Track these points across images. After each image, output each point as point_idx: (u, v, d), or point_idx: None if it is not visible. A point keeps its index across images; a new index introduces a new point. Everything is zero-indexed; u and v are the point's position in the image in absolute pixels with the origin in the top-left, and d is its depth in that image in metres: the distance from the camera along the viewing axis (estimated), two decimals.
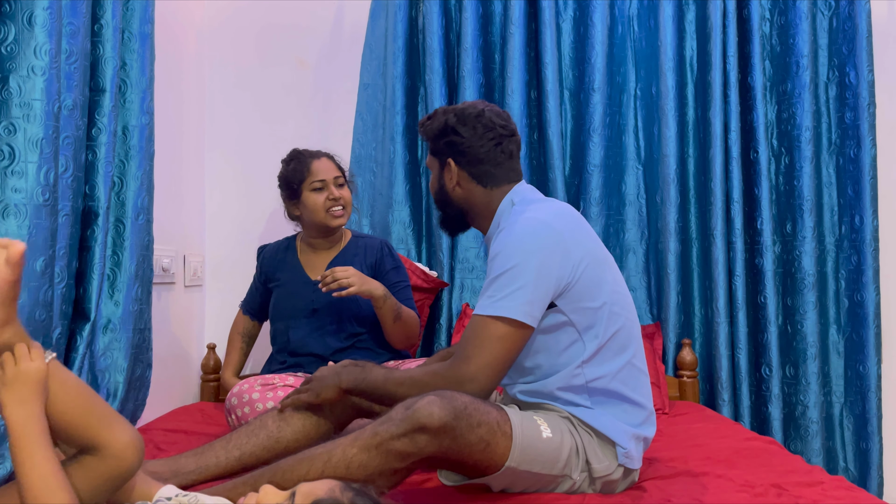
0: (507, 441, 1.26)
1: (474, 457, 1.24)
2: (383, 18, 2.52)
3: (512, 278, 1.31)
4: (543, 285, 1.32)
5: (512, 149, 1.50)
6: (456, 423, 1.18)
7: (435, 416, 1.17)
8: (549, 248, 1.33)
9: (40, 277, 1.41)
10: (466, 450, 1.22)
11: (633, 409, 1.39)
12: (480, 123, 1.47)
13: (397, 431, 1.18)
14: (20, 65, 1.39)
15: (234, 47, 2.60)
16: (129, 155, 1.77)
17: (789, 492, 1.30)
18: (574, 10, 2.52)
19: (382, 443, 1.18)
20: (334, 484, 0.98)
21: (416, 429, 1.17)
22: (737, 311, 2.34)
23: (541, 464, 1.29)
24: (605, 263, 1.41)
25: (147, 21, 1.81)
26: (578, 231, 1.40)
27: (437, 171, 1.53)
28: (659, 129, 2.44)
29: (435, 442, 1.18)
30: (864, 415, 2.34)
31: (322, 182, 2.02)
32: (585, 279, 1.35)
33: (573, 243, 1.36)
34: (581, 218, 1.45)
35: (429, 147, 1.55)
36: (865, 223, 2.33)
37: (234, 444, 1.51)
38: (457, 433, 1.19)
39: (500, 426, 1.26)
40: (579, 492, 1.33)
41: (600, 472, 1.32)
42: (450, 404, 1.19)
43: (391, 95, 2.45)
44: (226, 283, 2.54)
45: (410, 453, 1.18)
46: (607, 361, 1.37)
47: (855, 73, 2.37)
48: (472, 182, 1.48)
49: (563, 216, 1.40)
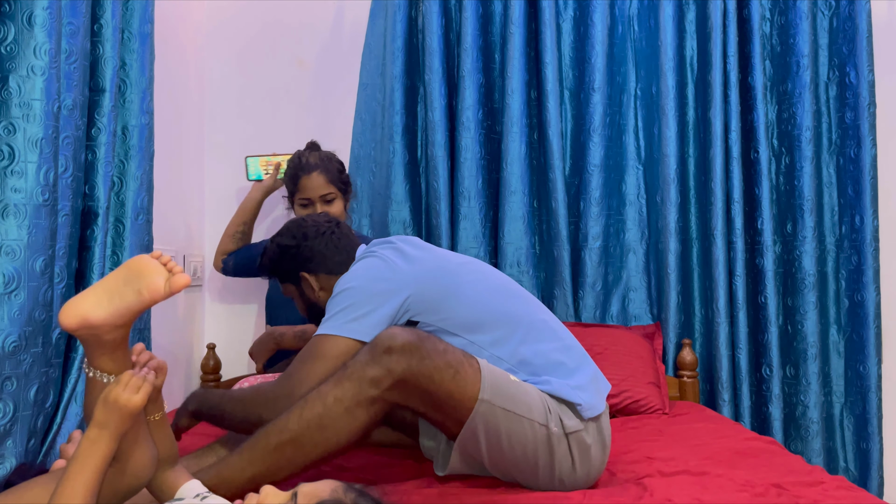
0: (475, 374, 1.28)
1: (446, 385, 1.25)
2: (383, 18, 2.52)
3: (336, 302, 1.38)
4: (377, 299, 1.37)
5: (346, 229, 1.60)
6: (420, 343, 1.24)
7: (397, 336, 1.24)
8: (372, 274, 1.41)
9: (40, 277, 1.40)
10: (437, 375, 1.25)
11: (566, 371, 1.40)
12: (306, 226, 1.57)
13: (364, 359, 1.24)
14: (20, 65, 1.39)
15: (234, 47, 2.60)
16: (128, 155, 1.77)
17: (790, 492, 1.30)
18: (574, 9, 2.52)
19: (353, 372, 1.24)
20: (337, 485, 0.98)
21: (382, 351, 1.23)
22: (737, 311, 2.34)
23: (514, 402, 1.30)
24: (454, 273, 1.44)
25: (147, 21, 1.81)
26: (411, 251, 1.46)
27: (297, 293, 1.60)
28: (659, 129, 2.44)
29: (402, 360, 1.23)
30: (864, 415, 2.34)
31: (307, 200, 2.05)
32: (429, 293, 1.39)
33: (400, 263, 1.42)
34: (416, 240, 1.51)
35: (278, 281, 1.63)
36: (866, 223, 2.33)
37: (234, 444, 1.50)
38: (423, 352, 1.24)
39: (467, 357, 1.30)
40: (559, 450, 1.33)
41: (572, 427, 1.34)
42: (412, 331, 1.26)
43: (390, 95, 2.45)
44: (226, 283, 2.55)
45: (380, 377, 1.23)
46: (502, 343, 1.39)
47: (855, 72, 2.37)
48: (333, 277, 1.55)
49: (391, 243, 1.49)
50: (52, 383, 1.49)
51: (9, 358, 1.34)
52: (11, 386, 1.35)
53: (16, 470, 1.37)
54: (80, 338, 0.99)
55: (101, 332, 0.97)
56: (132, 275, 0.98)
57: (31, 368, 1.39)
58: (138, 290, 0.97)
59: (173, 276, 0.98)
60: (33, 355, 1.40)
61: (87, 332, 0.97)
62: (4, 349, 1.33)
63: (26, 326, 1.37)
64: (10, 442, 1.35)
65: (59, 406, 1.53)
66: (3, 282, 1.34)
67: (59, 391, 1.54)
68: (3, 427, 1.33)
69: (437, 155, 2.38)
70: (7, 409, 1.34)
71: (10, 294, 1.35)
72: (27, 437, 1.39)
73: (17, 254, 1.36)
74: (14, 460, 1.35)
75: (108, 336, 0.98)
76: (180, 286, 0.98)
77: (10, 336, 1.34)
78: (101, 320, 0.96)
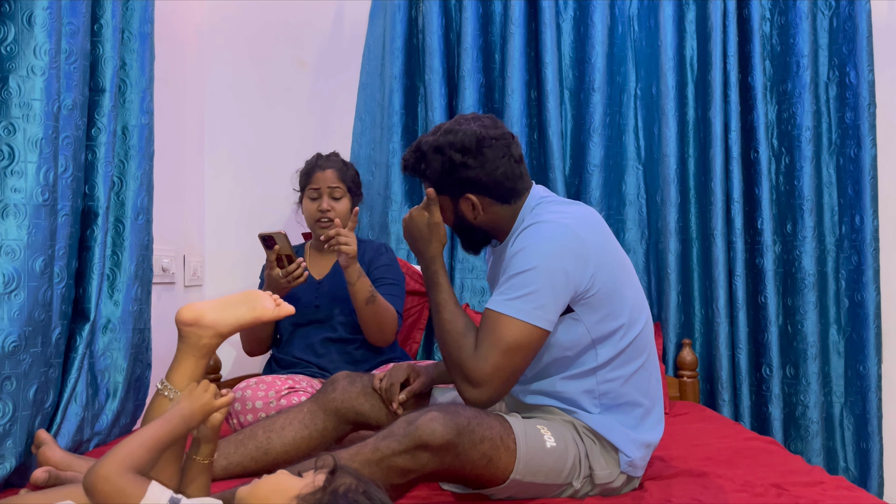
0: (510, 455, 1.25)
1: (477, 471, 1.23)
2: (382, 18, 2.52)
3: (529, 280, 1.27)
4: (560, 290, 1.28)
5: (519, 153, 1.43)
6: (458, 440, 1.18)
7: (437, 433, 1.16)
8: (569, 253, 1.29)
9: (40, 277, 1.40)
10: (469, 466, 1.22)
11: (642, 413, 1.37)
12: (485, 147, 1.37)
13: (399, 448, 1.17)
14: (20, 65, 1.39)
15: (234, 47, 2.60)
16: (128, 155, 1.77)
17: (789, 492, 1.30)
18: (574, 9, 2.52)
19: (383, 458, 1.17)
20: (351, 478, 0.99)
21: (418, 446, 1.17)
22: (737, 311, 2.33)
23: (545, 475, 1.28)
24: (624, 269, 1.38)
25: (147, 21, 1.81)
26: (601, 236, 1.35)
27: (451, 205, 1.44)
28: (659, 128, 2.44)
29: (437, 459, 1.18)
30: (864, 415, 2.34)
31: (317, 191, 2.04)
32: (605, 287, 1.31)
33: (594, 250, 1.31)
34: (603, 223, 1.41)
35: (428, 184, 1.45)
36: (865, 223, 2.33)
37: (222, 452, 1.45)
38: (459, 450, 1.19)
39: (504, 441, 1.25)
40: (580, 496, 1.33)
41: (603, 479, 1.32)
42: (452, 420, 1.18)
43: (389, 95, 2.45)
44: (226, 283, 2.55)
45: (412, 469, 1.18)
46: (620, 367, 1.35)
47: (855, 72, 2.37)
48: (497, 204, 1.41)
49: (587, 221, 1.36)
50: (52, 383, 1.49)
51: (8, 358, 1.34)
52: (11, 386, 1.35)
53: (16, 470, 1.37)
54: (185, 336, 1.13)
55: (206, 333, 1.12)
56: (248, 298, 1.18)
57: (31, 368, 1.39)
58: (252, 308, 1.16)
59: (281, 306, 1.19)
60: (33, 355, 1.40)
61: (194, 330, 1.12)
62: (4, 349, 1.33)
63: (26, 326, 1.37)
64: (10, 442, 1.35)
65: (58, 406, 1.53)
66: (3, 282, 1.34)
67: (59, 391, 1.54)
68: (2, 427, 1.33)
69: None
70: (7, 409, 1.34)
71: (9, 294, 1.35)
72: (27, 437, 1.39)
73: (17, 254, 1.36)
74: (14, 460, 1.35)
75: (207, 340, 1.13)
76: (286, 312, 1.18)
77: (9, 336, 1.34)
78: (212, 322, 1.13)
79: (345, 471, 0.97)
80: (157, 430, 1.01)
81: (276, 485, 0.96)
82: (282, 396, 1.76)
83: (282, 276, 1.85)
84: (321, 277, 2.07)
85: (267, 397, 1.76)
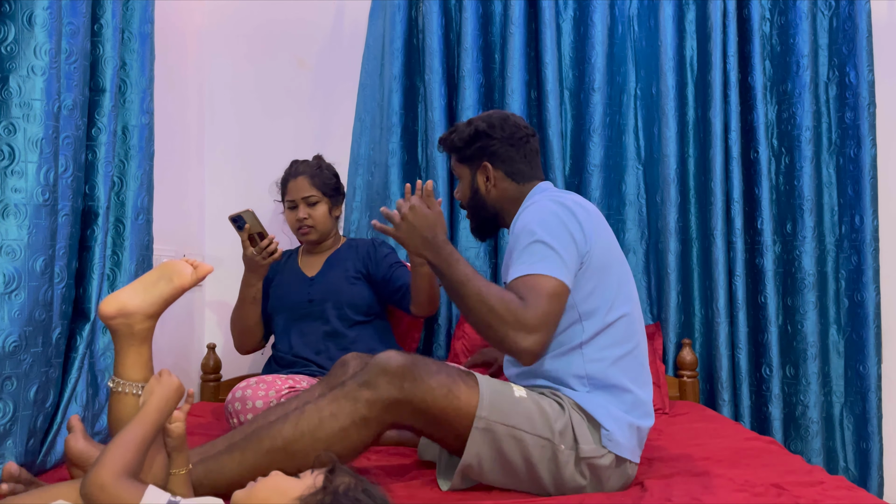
0: (470, 391, 1.30)
1: (439, 403, 1.27)
2: (382, 18, 2.52)
3: (542, 246, 1.37)
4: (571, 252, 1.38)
5: (537, 146, 1.62)
6: (413, 367, 1.28)
7: (393, 359, 1.28)
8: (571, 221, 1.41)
9: (40, 277, 1.40)
10: (429, 395, 1.27)
11: (631, 401, 1.40)
12: (508, 124, 1.58)
13: (361, 380, 1.28)
14: (20, 65, 1.39)
15: (234, 47, 2.60)
16: (129, 155, 1.77)
17: (789, 492, 1.30)
18: (574, 10, 2.52)
19: (350, 392, 1.27)
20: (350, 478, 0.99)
21: (377, 373, 1.27)
22: (737, 311, 2.34)
23: (516, 418, 1.30)
24: (615, 253, 1.46)
25: (147, 21, 1.81)
26: (596, 216, 1.47)
27: (469, 176, 1.62)
28: (659, 129, 2.44)
29: (396, 383, 1.26)
30: (864, 415, 2.34)
31: (292, 202, 2.12)
32: (598, 262, 1.41)
33: (588, 223, 1.43)
34: (598, 211, 1.51)
35: (455, 157, 1.64)
36: (865, 223, 2.33)
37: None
38: (415, 374, 1.27)
39: (461, 375, 1.32)
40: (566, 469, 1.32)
41: (587, 452, 1.33)
42: (407, 355, 1.30)
43: (388, 95, 2.45)
44: (226, 283, 2.54)
45: (374, 400, 1.26)
46: (606, 348, 1.39)
47: (855, 72, 2.37)
48: (507, 180, 1.58)
49: (583, 205, 1.48)
50: (52, 383, 1.49)
51: (9, 358, 1.34)
52: (11, 386, 1.35)
53: None
54: (115, 329, 1.10)
55: (135, 320, 1.10)
56: (164, 271, 1.14)
57: (31, 368, 1.39)
58: (170, 280, 1.13)
59: (198, 266, 1.16)
60: (33, 355, 1.40)
61: (122, 321, 1.09)
62: (4, 349, 1.33)
63: (26, 326, 1.37)
64: (10, 442, 1.35)
65: (58, 406, 1.53)
66: (3, 282, 1.34)
67: (59, 391, 1.54)
68: (2, 427, 1.33)
69: (437, 155, 2.39)
70: (7, 409, 1.34)
71: (10, 294, 1.35)
72: (27, 437, 1.39)
73: (17, 254, 1.36)
74: (14, 460, 1.35)
75: (140, 326, 1.10)
76: (205, 272, 1.17)
77: (10, 336, 1.34)
78: (136, 308, 1.10)
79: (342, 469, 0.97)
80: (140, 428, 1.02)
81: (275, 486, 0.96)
82: (282, 396, 1.77)
83: (256, 254, 1.91)
84: (313, 275, 2.14)
85: (267, 397, 1.76)
